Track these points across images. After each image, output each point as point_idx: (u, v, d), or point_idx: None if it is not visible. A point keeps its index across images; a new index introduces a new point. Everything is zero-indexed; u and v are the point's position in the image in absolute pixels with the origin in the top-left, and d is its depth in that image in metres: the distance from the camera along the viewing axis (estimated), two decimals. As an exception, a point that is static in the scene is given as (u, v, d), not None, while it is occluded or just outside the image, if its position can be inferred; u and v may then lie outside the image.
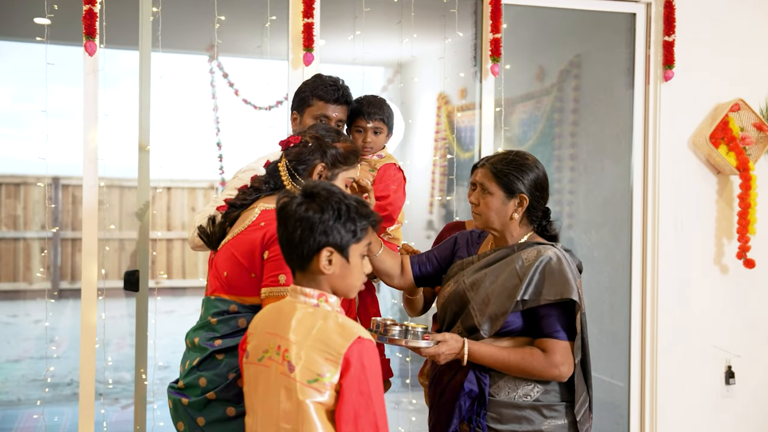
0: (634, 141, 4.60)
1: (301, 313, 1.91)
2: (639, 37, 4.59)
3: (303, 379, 1.82)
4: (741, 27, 4.62)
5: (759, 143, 4.53)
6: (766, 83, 4.62)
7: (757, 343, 4.66)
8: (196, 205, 10.40)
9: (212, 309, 2.32)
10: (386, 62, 6.48)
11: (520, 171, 2.45)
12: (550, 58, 5.24)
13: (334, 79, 3.01)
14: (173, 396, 2.33)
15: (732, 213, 4.59)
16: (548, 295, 2.34)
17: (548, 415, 2.39)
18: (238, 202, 2.41)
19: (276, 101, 6.97)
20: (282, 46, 4.00)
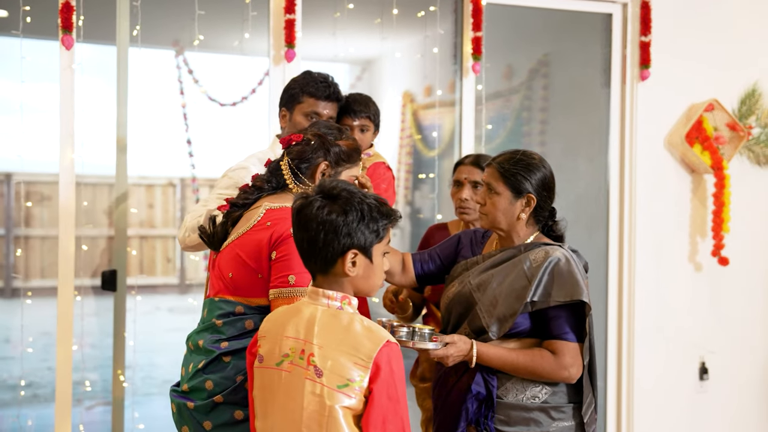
0: (611, 140, 4.64)
1: (324, 317, 1.87)
2: (615, 37, 4.63)
3: (332, 384, 1.79)
4: (716, 27, 4.69)
5: (732, 143, 4.61)
6: (740, 83, 4.69)
7: (729, 339, 4.74)
8: (154, 203, 10.25)
9: (217, 311, 2.27)
10: (354, 59, 6.46)
11: (527, 170, 2.43)
12: (520, 56, 5.25)
13: (324, 76, 2.97)
14: (177, 400, 2.27)
15: (706, 211, 4.66)
16: (558, 297, 2.33)
17: (556, 417, 2.38)
18: (240, 202, 2.36)
19: (242, 97, 6.90)
20: (252, 42, 3.94)
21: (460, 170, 3.13)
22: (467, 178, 3.08)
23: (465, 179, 3.08)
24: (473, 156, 3.14)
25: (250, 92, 6.87)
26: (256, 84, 6.93)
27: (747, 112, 4.66)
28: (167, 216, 10.71)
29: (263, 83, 6.91)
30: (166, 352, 7.33)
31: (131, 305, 4.03)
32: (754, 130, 4.69)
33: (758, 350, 4.82)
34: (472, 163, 3.10)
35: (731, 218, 4.54)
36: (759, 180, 4.78)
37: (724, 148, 4.58)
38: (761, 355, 4.83)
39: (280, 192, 2.37)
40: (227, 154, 8.62)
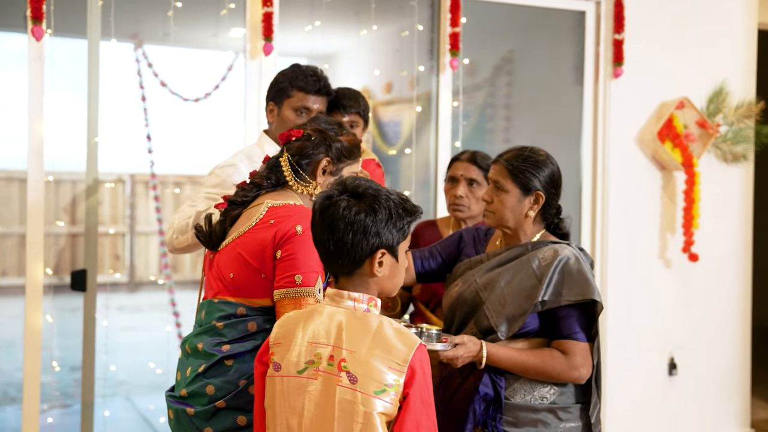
0: (583, 137, 4.67)
1: (352, 320, 1.81)
2: (588, 34, 4.65)
3: (369, 389, 1.73)
4: (687, 26, 4.75)
5: (701, 140, 4.67)
6: (708, 82, 4.76)
7: (698, 334, 4.81)
8: (102, 199, 10.04)
9: (217, 313, 2.19)
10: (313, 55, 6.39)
11: (536, 168, 2.40)
12: (483, 53, 5.24)
13: (313, 69, 2.90)
14: (174, 406, 2.18)
15: (675, 208, 4.71)
16: (569, 296, 2.30)
17: (563, 418, 2.35)
18: (239, 200, 2.28)
19: (205, 93, 6.77)
20: (217, 36, 3.86)
21: (456, 167, 3.08)
22: (463, 174, 3.04)
23: (461, 176, 3.04)
24: (469, 153, 3.10)
25: (213, 88, 6.74)
26: (219, 80, 6.81)
27: (715, 111, 4.73)
28: (116, 213, 10.50)
29: (227, 78, 6.80)
30: (119, 352, 7.15)
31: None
32: (722, 128, 4.76)
33: (726, 346, 4.91)
34: (469, 160, 3.06)
35: (700, 215, 4.60)
36: (726, 177, 4.86)
37: (693, 145, 4.64)
38: (729, 350, 4.92)
39: (279, 189, 2.29)
40: (190, 151, 8.46)
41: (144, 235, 10.75)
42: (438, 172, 4.34)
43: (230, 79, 6.75)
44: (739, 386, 4.94)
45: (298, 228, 2.12)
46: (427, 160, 4.42)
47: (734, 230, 4.91)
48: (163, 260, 7.86)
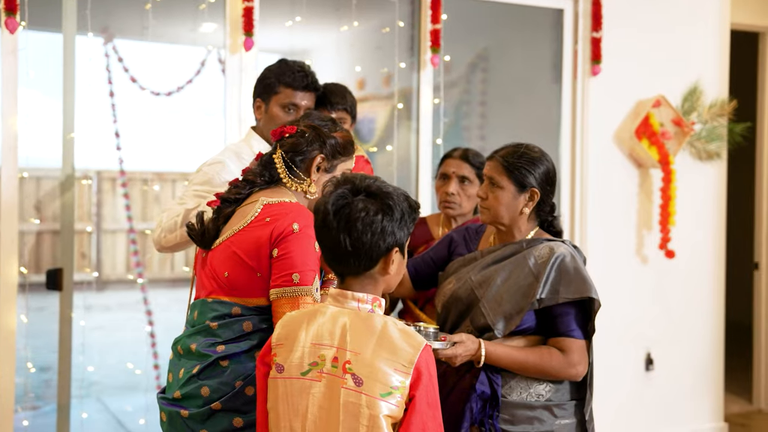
0: (562, 135, 4.68)
1: (356, 321, 1.79)
2: (567, 32, 4.66)
3: (375, 392, 1.70)
4: (663, 26, 4.79)
5: (676, 138, 4.72)
6: (683, 81, 4.80)
7: (674, 330, 4.86)
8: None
9: (210, 313, 2.14)
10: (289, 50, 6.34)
11: (531, 164, 2.39)
12: (457, 50, 5.23)
13: (300, 65, 2.87)
14: (168, 408, 2.14)
15: (651, 205, 4.75)
16: (566, 294, 2.31)
17: (558, 414, 2.36)
18: (232, 197, 2.24)
19: (177, 87, 6.69)
20: (189, 30, 3.80)
21: (448, 163, 3.07)
22: (455, 172, 3.03)
23: (453, 173, 3.03)
24: (461, 150, 3.09)
25: (186, 82, 6.66)
26: (192, 74, 6.72)
27: (689, 109, 4.78)
28: (82, 211, 10.36)
29: (200, 73, 6.72)
30: (89, 352, 7.04)
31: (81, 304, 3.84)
32: (696, 126, 4.81)
33: (701, 341, 4.96)
34: (461, 158, 3.05)
35: (677, 212, 4.65)
36: (700, 175, 4.91)
37: (669, 143, 4.68)
38: (704, 345, 4.98)
39: (273, 186, 2.26)
40: (160, 147, 8.34)
41: (111, 233, 10.62)
42: (419, 168, 4.32)
43: (204, 75, 6.69)
44: (713, 380, 5.00)
45: (294, 226, 2.09)
46: (408, 157, 4.41)
47: (708, 227, 4.97)
48: (133, 258, 7.75)
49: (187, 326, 2.25)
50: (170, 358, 2.24)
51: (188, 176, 10.58)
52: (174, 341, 2.23)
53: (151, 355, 6.40)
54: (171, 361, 2.24)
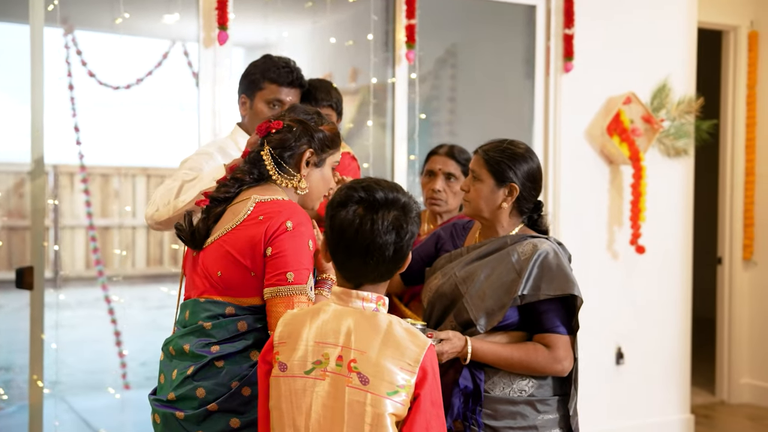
0: (535, 131, 4.71)
1: (360, 320, 1.77)
2: (539, 29, 4.68)
3: (381, 391, 1.69)
4: (633, 23, 4.84)
5: (646, 135, 4.77)
6: (652, 78, 4.86)
7: (643, 325, 4.92)
8: (23, 192, 9.70)
9: (203, 313, 2.10)
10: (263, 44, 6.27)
11: (511, 159, 2.40)
12: (426, 45, 5.22)
13: (285, 60, 2.83)
14: (161, 410, 2.10)
15: (622, 202, 4.80)
16: (548, 290, 2.31)
17: (541, 410, 2.37)
18: (221, 196, 2.19)
19: (137, 79, 6.58)
20: (150, 22, 3.72)
21: (434, 160, 3.07)
22: (441, 169, 3.02)
23: (438, 170, 3.02)
24: (447, 146, 3.09)
25: (146, 74, 6.55)
26: (153, 66, 6.62)
27: (658, 106, 4.84)
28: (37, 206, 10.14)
29: (162, 65, 6.62)
30: (50, 351, 6.92)
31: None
32: (665, 123, 4.87)
33: (670, 335, 5.04)
34: (447, 154, 3.05)
35: (647, 208, 4.71)
36: (669, 171, 4.98)
37: (639, 140, 4.73)
38: (672, 339, 5.05)
39: (263, 183, 2.22)
40: (121, 141, 8.20)
41: (69, 229, 10.43)
42: (394, 163, 4.31)
43: (167, 67, 6.59)
44: (680, 374, 5.08)
45: (288, 224, 2.06)
46: (383, 153, 4.39)
47: (676, 223, 5.04)
48: (94, 256, 7.62)
49: (177, 327, 2.20)
50: (161, 359, 2.19)
51: (149, 171, 10.40)
52: (165, 342, 2.19)
53: (116, 353, 6.30)
54: (162, 362, 2.19)
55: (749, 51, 5.78)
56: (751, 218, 5.79)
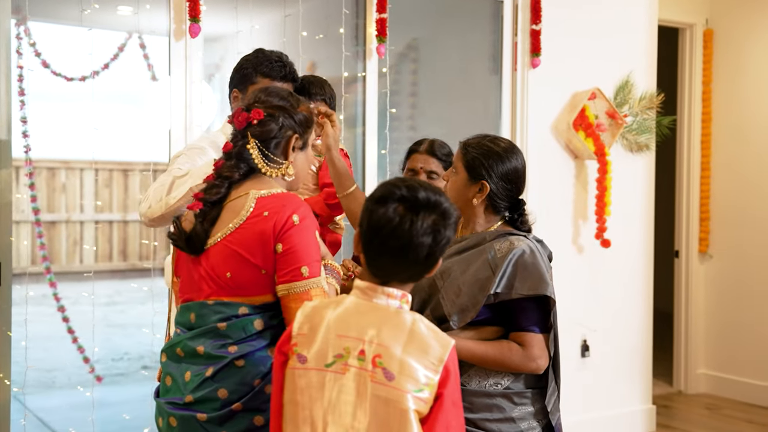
0: (502, 126, 4.73)
1: (385, 316, 1.76)
2: (506, 24, 4.71)
3: (407, 387, 1.68)
4: (598, 20, 4.90)
5: (611, 130, 4.84)
6: (616, 74, 4.93)
7: (608, 318, 5.00)
8: None
9: (214, 315, 2.05)
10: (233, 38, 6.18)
11: (486, 157, 2.38)
12: (393, 40, 5.20)
13: (278, 54, 2.79)
14: (179, 413, 2.04)
15: (587, 196, 4.87)
16: (521, 290, 2.30)
17: (518, 402, 2.37)
18: (214, 198, 2.11)
19: (92, 72, 6.43)
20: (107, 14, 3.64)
21: (415, 158, 3.02)
22: (422, 167, 2.98)
23: (420, 168, 2.98)
24: (427, 144, 3.03)
25: (102, 67, 6.41)
26: (109, 59, 6.47)
27: (621, 102, 4.91)
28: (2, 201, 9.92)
29: (118, 58, 6.48)
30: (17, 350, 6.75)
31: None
32: (628, 118, 4.94)
33: (632, 328, 5.13)
34: (427, 152, 2.99)
35: (612, 202, 4.78)
36: (632, 166, 5.06)
37: (604, 135, 4.80)
38: (636, 332, 5.14)
39: (253, 177, 2.15)
40: (70, 134, 8.00)
41: (14, 224, 10.15)
42: (365, 157, 4.29)
43: (123, 59, 6.46)
44: (643, 365, 5.18)
45: (295, 218, 2.02)
46: (354, 147, 4.37)
47: (638, 218, 5.13)
48: (41, 252, 7.42)
49: (180, 329, 2.14)
50: (163, 361, 2.14)
51: (97, 164, 10.15)
52: (169, 344, 2.13)
53: (74, 350, 6.17)
54: (166, 363, 2.13)
55: (704, 48, 5.91)
56: (707, 212, 5.93)
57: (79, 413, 5.33)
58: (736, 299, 5.85)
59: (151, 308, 3.84)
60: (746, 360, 5.80)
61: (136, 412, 4.96)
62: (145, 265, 10.64)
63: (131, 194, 10.95)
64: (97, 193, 10.75)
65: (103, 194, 10.78)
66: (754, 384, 5.74)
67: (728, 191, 5.88)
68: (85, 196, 10.66)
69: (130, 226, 11.05)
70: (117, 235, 10.94)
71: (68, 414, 5.42)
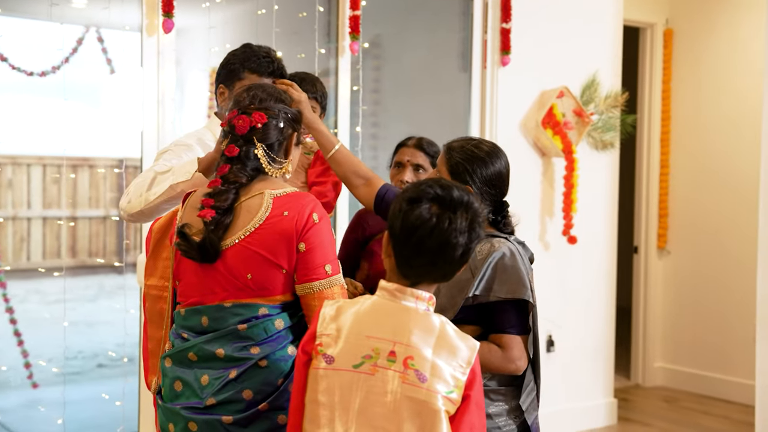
0: (472, 124, 4.75)
1: (415, 319, 1.76)
2: (476, 22, 4.73)
3: (439, 389, 1.69)
4: (566, 19, 4.96)
5: (577, 128, 4.90)
6: (584, 73, 4.99)
7: (572, 314, 5.07)
8: None
9: (233, 318, 2.04)
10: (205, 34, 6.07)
11: (470, 162, 2.38)
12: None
13: (266, 50, 2.75)
14: (201, 417, 2.01)
15: (554, 193, 4.92)
16: (499, 292, 2.31)
17: (494, 399, 2.39)
18: (226, 205, 2.07)
19: (52, 66, 6.28)
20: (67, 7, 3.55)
21: (403, 152, 3.05)
22: (410, 160, 3.01)
23: (407, 161, 3.01)
24: (416, 139, 3.06)
25: (62, 61, 6.25)
26: (68, 53, 6.32)
27: (587, 100, 4.98)
28: None
29: (77, 52, 6.33)
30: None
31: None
32: (593, 117, 5.01)
33: (596, 323, 5.21)
34: (415, 146, 3.03)
35: (578, 199, 4.84)
36: (597, 164, 5.13)
37: (571, 133, 4.86)
38: (599, 327, 5.22)
39: (259, 178, 2.13)
40: (12, 129, 7.80)
41: (-42, 222, 9.89)
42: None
43: (81, 54, 6.32)
44: (606, 360, 5.26)
45: (315, 217, 2.05)
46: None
47: (603, 215, 5.21)
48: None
49: (190, 333, 2.10)
50: (167, 366, 2.11)
51: (44, 160, 9.90)
52: (176, 349, 2.10)
53: (20, 352, 6.02)
54: (172, 368, 2.10)
55: (665, 48, 6.02)
56: (665, 209, 6.05)
57: (36, 413, 5.22)
58: (692, 294, 5.99)
59: (107, 306, 3.77)
60: (702, 353, 5.94)
61: (96, 411, 4.88)
62: (96, 262, 10.46)
63: (80, 190, 10.72)
64: (45, 190, 10.50)
65: (51, 191, 10.53)
66: (710, 376, 5.89)
67: (686, 188, 6.01)
68: (32, 193, 10.41)
69: (80, 222, 10.83)
70: (66, 232, 10.70)
71: (25, 413, 5.30)
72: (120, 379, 3.94)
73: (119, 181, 8.81)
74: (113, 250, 10.77)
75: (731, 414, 5.49)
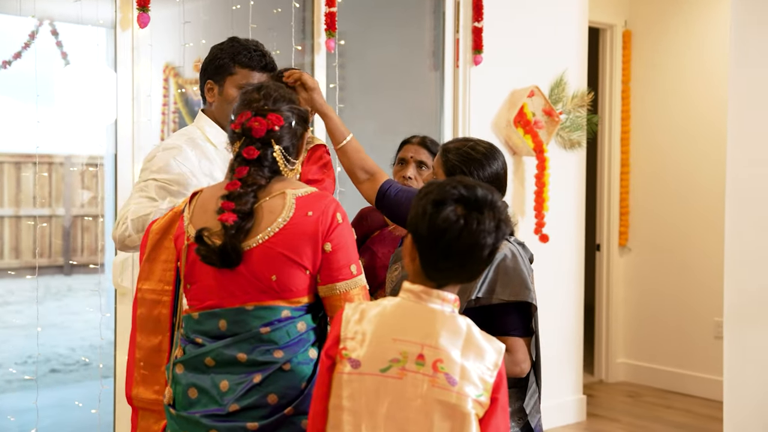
0: (444, 123, 4.74)
1: (442, 321, 1.73)
2: (448, 21, 4.71)
3: (469, 392, 1.67)
4: (536, 19, 4.99)
5: (547, 127, 4.93)
6: (553, 73, 5.03)
7: (543, 312, 5.07)
8: None
9: (255, 321, 1.99)
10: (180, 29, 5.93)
11: (467, 164, 2.38)
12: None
13: (255, 43, 2.69)
14: (225, 425, 1.95)
15: (524, 192, 4.94)
16: (502, 295, 2.30)
17: None
18: (247, 208, 2.01)
19: (2, 61, 6.08)
20: None
21: (407, 149, 3.07)
22: (413, 157, 3.04)
23: (410, 158, 3.04)
24: (419, 137, 3.10)
25: (13, 56, 6.05)
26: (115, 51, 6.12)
27: (556, 100, 5.02)
28: None
29: (30, 46, 6.13)
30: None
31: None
32: (562, 116, 5.05)
33: (566, 321, 5.25)
34: (419, 144, 3.06)
35: (549, 198, 4.87)
36: (566, 163, 5.18)
37: (541, 132, 4.89)
38: (568, 325, 5.27)
39: (277, 179, 2.09)
40: None
41: None
42: (316, 155, 4.20)
43: (36, 48, 6.12)
44: (575, 357, 5.31)
45: (338, 217, 2.03)
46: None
47: (571, 213, 5.26)
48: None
49: (199, 338, 2.04)
50: (179, 373, 2.04)
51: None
52: (190, 355, 2.03)
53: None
54: (184, 375, 2.04)
55: (624, 49, 6.11)
56: (626, 207, 6.15)
57: (5, 422, 5.05)
58: (653, 290, 6.09)
59: (54, 307, 3.65)
60: (663, 349, 6.05)
61: (55, 417, 4.75)
62: (40, 263, 10.14)
63: (24, 188, 10.42)
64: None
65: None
66: (671, 371, 6.00)
67: (646, 186, 6.11)
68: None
69: (23, 222, 10.53)
70: (9, 231, 10.39)
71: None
72: (95, 384, 3.82)
73: (83, 179, 8.59)
74: (60, 252, 10.50)
75: (693, 408, 5.60)
